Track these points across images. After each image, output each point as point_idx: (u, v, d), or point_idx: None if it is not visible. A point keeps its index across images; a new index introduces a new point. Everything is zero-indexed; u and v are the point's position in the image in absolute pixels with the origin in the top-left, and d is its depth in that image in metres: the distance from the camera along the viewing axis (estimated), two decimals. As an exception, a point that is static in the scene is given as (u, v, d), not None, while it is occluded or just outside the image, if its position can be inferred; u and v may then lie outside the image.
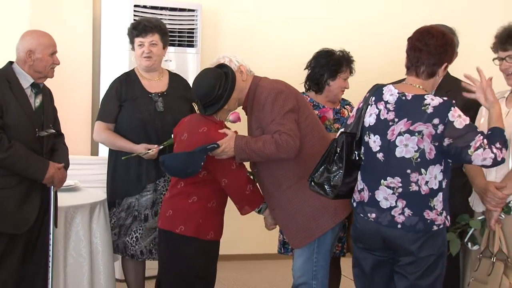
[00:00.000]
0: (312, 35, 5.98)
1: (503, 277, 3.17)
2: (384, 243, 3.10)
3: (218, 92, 3.39)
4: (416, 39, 3.10)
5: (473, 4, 6.39)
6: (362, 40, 6.06)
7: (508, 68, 3.29)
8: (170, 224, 3.48)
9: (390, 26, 6.12)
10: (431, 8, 6.15)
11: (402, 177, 3.02)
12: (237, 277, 5.72)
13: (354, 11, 6.28)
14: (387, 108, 3.04)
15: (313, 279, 3.53)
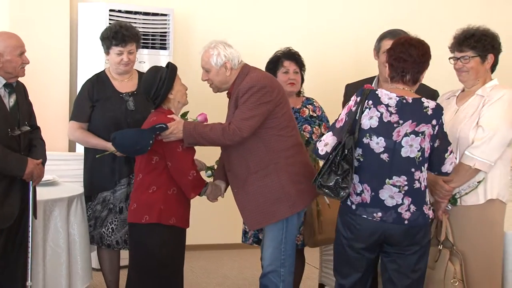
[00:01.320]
0: (282, 39, 5.94)
1: (449, 263, 3.23)
2: (384, 240, 3.13)
3: (158, 84, 3.44)
4: (399, 51, 3.15)
5: (428, 8, 6.47)
6: (328, 44, 6.12)
7: (461, 68, 3.35)
8: (135, 216, 3.50)
9: (352, 32, 6.18)
10: (388, 15, 6.20)
11: (407, 176, 3.08)
12: (207, 266, 5.73)
13: (322, 18, 6.31)
14: (389, 111, 3.07)
15: (281, 267, 3.55)
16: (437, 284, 3.24)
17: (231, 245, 5.79)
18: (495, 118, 3.23)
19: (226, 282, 5.31)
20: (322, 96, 4.54)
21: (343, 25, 6.28)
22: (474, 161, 3.22)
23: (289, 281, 3.59)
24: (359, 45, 5.84)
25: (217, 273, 5.55)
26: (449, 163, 3.16)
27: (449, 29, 3.55)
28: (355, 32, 6.16)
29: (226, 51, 3.56)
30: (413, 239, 3.12)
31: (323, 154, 3.17)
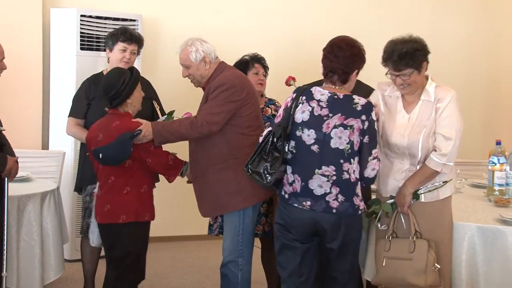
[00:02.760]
0: (247, 43, 6.00)
1: (428, 252, 3.23)
2: (315, 229, 3.15)
3: (121, 86, 3.43)
4: (327, 52, 3.21)
5: (382, 13, 6.57)
6: (285, 46, 6.17)
7: (402, 83, 3.29)
8: (111, 217, 3.48)
9: (308, 35, 6.24)
10: (343, 19, 6.29)
11: (336, 166, 3.11)
12: (174, 256, 5.75)
13: (285, 22, 6.35)
14: (320, 106, 3.12)
15: (239, 257, 3.58)
16: (419, 272, 3.23)
17: (196, 237, 5.82)
18: (452, 124, 3.26)
19: (191, 271, 5.33)
20: (284, 97, 4.57)
21: (303, 28, 6.34)
22: (441, 166, 3.25)
23: (247, 269, 3.63)
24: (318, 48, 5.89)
25: (183, 263, 5.57)
26: (370, 168, 3.17)
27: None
28: (313, 35, 6.20)
29: (203, 46, 3.59)
30: (342, 229, 3.14)
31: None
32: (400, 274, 3.27)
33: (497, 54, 6.92)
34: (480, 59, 6.86)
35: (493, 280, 3.39)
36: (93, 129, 3.60)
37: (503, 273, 3.36)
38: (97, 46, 5.37)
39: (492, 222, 3.48)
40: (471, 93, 6.60)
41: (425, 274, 3.22)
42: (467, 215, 3.61)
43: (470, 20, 6.79)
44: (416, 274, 3.24)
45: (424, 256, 3.24)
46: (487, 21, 6.86)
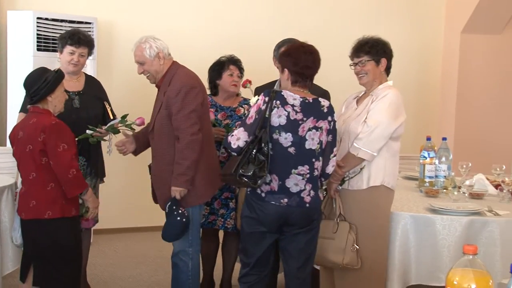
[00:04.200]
0: (198, 45, 6.01)
1: (349, 233, 3.31)
2: (287, 222, 3.17)
3: (43, 83, 3.31)
4: (304, 60, 3.18)
5: (325, 19, 6.63)
6: (232, 49, 6.14)
7: (359, 71, 3.42)
8: (36, 213, 3.31)
9: (254, 38, 6.25)
10: (287, 24, 6.32)
11: (309, 165, 3.15)
12: (129, 247, 5.70)
13: (242, 24, 6.34)
14: (295, 110, 3.11)
15: (189, 246, 3.58)
16: (338, 251, 3.30)
17: (150, 228, 5.77)
18: (377, 113, 3.32)
19: (146, 261, 5.28)
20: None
21: (250, 32, 6.34)
22: (358, 150, 3.31)
23: (197, 258, 3.64)
24: (263, 52, 5.90)
25: (138, 253, 5.51)
26: (331, 164, 3.26)
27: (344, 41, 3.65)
28: (259, 39, 6.22)
29: (156, 43, 3.56)
30: (310, 219, 3.22)
31: (235, 147, 3.12)
32: (323, 251, 3.34)
33: (426, 60, 7.07)
34: (412, 64, 6.98)
35: (423, 263, 3.47)
36: (16, 128, 3.45)
37: (432, 257, 3.44)
38: (53, 48, 5.23)
39: (423, 211, 3.55)
40: (404, 94, 6.61)
41: (344, 253, 3.29)
42: (401, 205, 3.67)
43: (403, 28, 6.91)
44: (336, 252, 3.31)
45: (344, 237, 3.30)
46: (418, 29, 6.99)
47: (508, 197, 3.90)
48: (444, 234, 3.42)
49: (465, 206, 3.62)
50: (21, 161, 3.38)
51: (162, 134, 3.52)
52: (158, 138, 3.55)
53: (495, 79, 6.87)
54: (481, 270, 1.54)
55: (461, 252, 1.57)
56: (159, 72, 3.57)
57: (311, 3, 6.61)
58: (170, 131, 3.48)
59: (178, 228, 3.47)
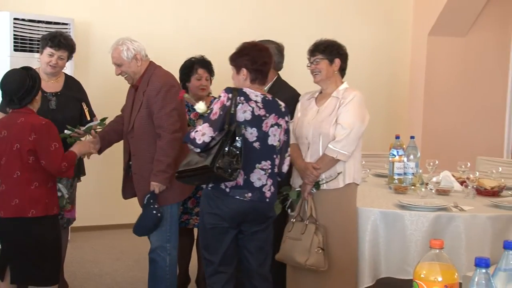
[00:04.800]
0: (173, 46, 5.97)
1: (314, 235, 3.33)
2: (248, 217, 3.14)
3: (28, 86, 3.28)
4: (261, 56, 3.18)
5: (292, 22, 6.64)
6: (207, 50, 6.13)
7: (314, 69, 3.46)
8: (19, 211, 3.28)
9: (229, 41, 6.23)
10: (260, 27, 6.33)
11: (271, 160, 3.15)
12: (107, 244, 5.66)
13: (214, 25, 6.31)
14: (258, 106, 3.11)
15: (167, 242, 3.57)
16: (303, 252, 3.32)
17: (127, 225, 5.68)
18: (350, 117, 3.34)
19: (123, 257, 5.25)
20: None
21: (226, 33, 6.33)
22: (336, 153, 3.32)
23: (175, 254, 3.62)
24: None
25: (116, 249, 5.48)
26: (286, 163, 3.28)
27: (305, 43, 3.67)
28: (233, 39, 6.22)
29: (133, 45, 3.55)
30: (267, 215, 3.22)
31: (201, 143, 3.05)
32: (290, 251, 3.36)
33: (395, 61, 7.13)
34: (382, 65, 7.04)
35: (392, 257, 3.50)
36: None
37: (401, 252, 3.48)
38: (30, 48, 5.18)
39: (392, 207, 3.58)
40: (374, 95, 6.77)
41: (309, 254, 3.30)
42: (370, 201, 3.71)
43: (373, 30, 6.96)
44: (301, 253, 3.32)
45: (310, 238, 3.31)
46: (387, 31, 7.04)
47: (472, 193, 3.95)
48: (412, 229, 3.46)
49: (432, 202, 3.66)
50: (3, 160, 3.32)
51: (143, 133, 3.50)
52: (138, 137, 3.53)
53: (460, 80, 6.96)
54: (447, 264, 1.55)
55: (428, 246, 1.59)
56: (137, 73, 3.56)
57: (284, 5, 6.61)
58: (151, 130, 3.46)
59: (152, 221, 3.45)
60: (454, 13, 6.62)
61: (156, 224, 3.47)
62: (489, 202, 3.76)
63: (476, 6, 6.69)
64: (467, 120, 6.96)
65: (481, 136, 6.94)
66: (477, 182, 4.01)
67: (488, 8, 6.81)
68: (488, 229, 3.47)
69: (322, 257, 3.32)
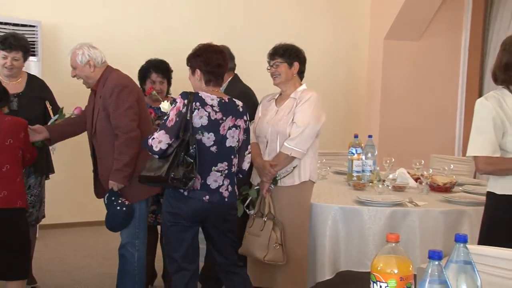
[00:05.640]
0: (137, 50, 5.91)
1: (272, 231, 3.34)
2: (207, 216, 3.09)
3: (2, 91, 3.39)
4: (216, 58, 3.10)
5: (246, 26, 6.65)
6: (168, 55, 6.11)
7: (274, 72, 3.47)
8: (8, 202, 3.30)
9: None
10: (221, 27, 6.32)
11: (228, 162, 3.09)
12: (75, 241, 5.57)
13: (166, 33, 6.27)
14: (214, 110, 3.02)
15: (136, 238, 3.54)
16: (262, 248, 3.33)
17: (96, 222, 5.65)
18: (305, 115, 3.36)
19: (92, 254, 5.18)
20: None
21: (193, 34, 6.30)
22: (291, 150, 3.34)
23: (143, 250, 3.59)
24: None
25: (85, 246, 5.40)
26: (247, 161, 3.24)
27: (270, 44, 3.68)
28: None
29: (89, 51, 3.52)
30: (229, 214, 3.17)
31: (158, 150, 2.95)
32: (251, 247, 3.37)
33: (353, 64, 7.20)
34: (341, 67, 7.11)
35: (351, 251, 3.53)
36: None
37: (359, 245, 3.51)
38: (-3, 50, 5.07)
39: (351, 203, 3.61)
40: (334, 96, 6.84)
41: (267, 250, 3.31)
42: (330, 198, 3.73)
43: (332, 34, 7.02)
44: (260, 249, 3.33)
45: (268, 234, 3.33)
46: (345, 35, 7.11)
47: (426, 189, 4.01)
48: (370, 224, 3.49)
49: (388, 198, 3.70)
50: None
51: (105, 136, 3.46)
52: (101, 140, 3.49)
53: (415, 82, 7.06)
54: (402, 257, 1.57)
55: (385, 240, 1.61)
56: (90, 78, 3.54)
57: (245, 10, 6.61)
58: (111, 132, 3.42)
59: (120, 217, 3.41)
60: (408, 18, 6.72)
61: (126, 218, 3.43)
62: (441, 198, 3.82)
63: (428, 12, 6.80)
64: (421, 120, 7.07)
65: (434, 135, 7.07)
66: (431, 178, 4.07)
67: (439, 14, 6.94)
68: (441, 223, 3.53)
69: (281, 252, 3.33)
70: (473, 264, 1.57)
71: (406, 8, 6.58)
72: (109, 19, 6.02)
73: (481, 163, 2.86)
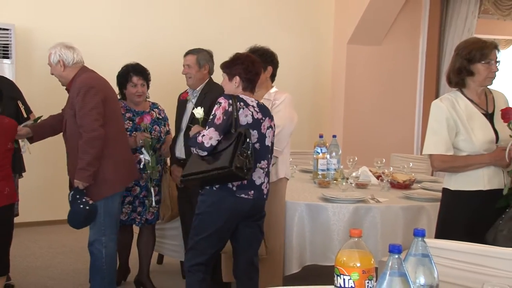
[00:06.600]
0: (112, 52, 5.85)
1: None
2: (248, 214, 3.06)
3: None
4: (255, 69, 3.11)
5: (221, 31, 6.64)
6: (146, 56, 6.06)
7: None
8: (10, 198, 3.52)
9: (164, 47, 6.18)
10: (194, 32, 6.29)
11: (267, 160, 3.10)
12: (49, 238, 5.47)
13: (142, 35, 6.20)
14: (255, 111, 3.05)
15: (102, 236, 3.49)
16: None
17: (69, 221, 5.57)
18: (281, 116, 3.38)
19: (65, 251, 5.10)
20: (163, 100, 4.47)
21: (166, 38, 6.27)
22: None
23: (111, 246, 3.53)
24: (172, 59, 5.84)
25: (58, 244, 5.31)
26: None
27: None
28: (168, 47, 6.16)
29: (61, 51, 3.48)
30: (263, 211, 3.17)
31: (209, 146, 2.96)
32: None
33: (318, 67, 7.24)
34: (306, 71, 7.14)
35: (317, 246, 3.56)
36: None
37: (324, 240, 3.55)
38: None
39: (317, 200, 3.64)
40: (300, 97, 6.85)
41: None
42: (297, 195, 3.76)
43: (298, 38, 7.05)
44: None
45: None
46: (311, 40, 7.14)
47: (387, 187, 4.07)
48: (335, 219, 3.53)
49: (352, 195, 3.74)
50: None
51: (72, 134, 3.43)
52: (70, 137, 3.47)
53: (376, 85, 7.14)
54: (364, 251, 1.59)
55: (348, 235, 1.63)
56: (62, 77, 3.51)
57: (214, 15, 6.59)
58: (77, 130, 3.38)
59: (82, 215, 3.36)
60: (369, 24, 6.79)
61: (88, 216, 3.38)
62: (401, 194, 3.88)
63: (388, 19, 6.89)
64: (382, 121, 7.15)
65: (395, 135, 7.16)
66: (391, 176, 4.13)
67: (398, 21, 7.03)
68: (401, 219, 3.58)
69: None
70: (430, 257, 1.60)
71: (367, 15, 6.66)
72: (83, 21, 5.92)
73: (436, 161, 2.93)
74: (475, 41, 2.94)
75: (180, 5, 6.43)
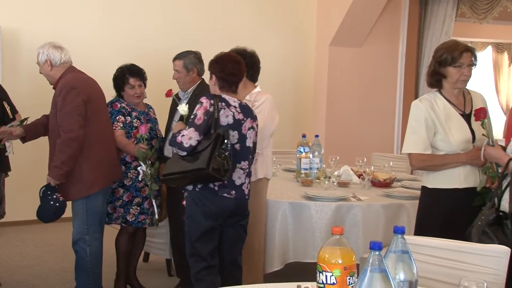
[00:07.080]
0: (99, 54, 5.81)
1: None
2: (231, 214, 3.05)
3: None
4: (231, 68, 3.08)
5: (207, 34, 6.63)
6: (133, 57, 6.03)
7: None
8: None
9: (152, 48, 6.16)
10: (180, 34, 6.28)
11: (248, 160, 3.09)
12: (35, 237, 5.42)
13: (129, 36, 6.16)
14: (237, 111, 3.03)
15: (86, 234, 3.47)
16: None
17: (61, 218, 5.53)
18: (262, 117, 3.37)
19: (51, 249, 5.06)
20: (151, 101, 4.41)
21: (149, 41, 6.24)
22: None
23: (95, 244, 3.51)
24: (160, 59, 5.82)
25: (44, 243, 5.27)
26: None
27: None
28: (156, 48, 6.13)
29: (49, 51, 3.46)
30: (246, 211, 3.15)
31: (188, 146, 2.92)
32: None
33: (301, 69, 7.25)
34: (289, 72, 7.15)
35: (300, 243, 3.57)
36: None
37: (307, 238, 3.55)
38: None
39: (300, 198, 3.65)
40: (283, 98, 6.87)
41: None
42: (280, 194, 3.76)
43: (281, 40, 7.06)
44: None
45: None
46: (294, 42, 7.15)
47: (368, 185, 4.09)
48: (317, 217, 3.54)
49: (334, 193, 3.75)
50: None
51: (53, 132, 3.43)
52: (52, 135, 3.46)
53: (358, 86, 7.18)
54: (346, 248, 1.61)
55: (330, 233, 1.64)
56: (50, 77, 3.51)
57: (199, 18, 6.58)
58: (58, 129, 3.37)
59: (50, 211, 3.37)
60: (350, 27, 6.83)
61: (56, 213, 3.38)
62: (382, 192, 3.90)
63: (368, 22, 6.93)
64: (363, 121, 7.19)
65: (375, 135, 7.20)
66: (372, 175, 4.15)
67: (379, 24, 7.07)
68: (381, 216, 3.61)
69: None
70: (410, 254, 1.62)
71: (348, 17, 6.69)
72: (69, 23, 5.87)
73: (414, 160, 2.96)
74: (449, 45, 2.96)
75: (167, 6, 6.40)
